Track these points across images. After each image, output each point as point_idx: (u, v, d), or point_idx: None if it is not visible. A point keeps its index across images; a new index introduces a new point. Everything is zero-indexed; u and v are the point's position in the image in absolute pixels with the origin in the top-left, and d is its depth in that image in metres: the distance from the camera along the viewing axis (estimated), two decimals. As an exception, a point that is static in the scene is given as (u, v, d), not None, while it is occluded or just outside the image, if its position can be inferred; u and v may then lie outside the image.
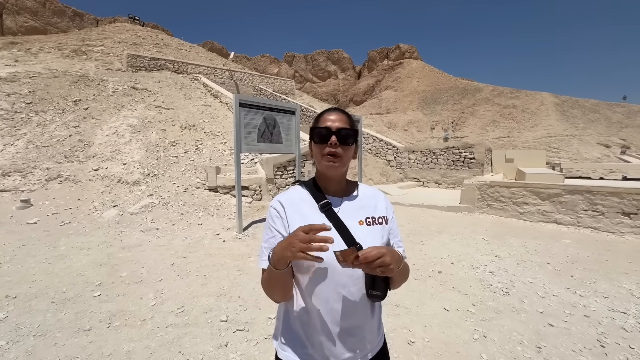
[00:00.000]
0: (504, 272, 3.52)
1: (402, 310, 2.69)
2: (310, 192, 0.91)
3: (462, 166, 10.19)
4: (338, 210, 0.89)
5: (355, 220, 0.89)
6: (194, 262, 3.70)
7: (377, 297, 0.83)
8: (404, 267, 0.86)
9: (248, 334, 2.30)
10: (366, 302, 0.86)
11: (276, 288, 0.84)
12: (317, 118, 0.92)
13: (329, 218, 0.86)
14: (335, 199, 0.92)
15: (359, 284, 0.83)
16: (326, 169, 0.88)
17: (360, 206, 0.93)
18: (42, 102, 9.55)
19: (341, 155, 0.86)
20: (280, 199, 0.90)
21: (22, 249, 3.97)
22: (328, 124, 0.87)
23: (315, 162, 0.92)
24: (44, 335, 2.23)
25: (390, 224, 0.95)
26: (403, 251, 0.96)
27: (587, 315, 2.61)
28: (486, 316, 2.60)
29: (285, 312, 0.91)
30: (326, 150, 0.86)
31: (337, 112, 0.91)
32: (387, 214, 0.96)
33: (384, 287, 0.83)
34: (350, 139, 0.88)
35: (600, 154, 26.16)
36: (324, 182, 0.93)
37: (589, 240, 4.79)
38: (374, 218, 0.92)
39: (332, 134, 0.86)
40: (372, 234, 0.88)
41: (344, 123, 0.88)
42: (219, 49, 57.89)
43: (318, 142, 0.88)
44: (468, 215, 6.41)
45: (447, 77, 53.61)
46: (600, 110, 36.36)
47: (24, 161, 7.23)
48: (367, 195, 0.97)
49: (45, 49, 15.33)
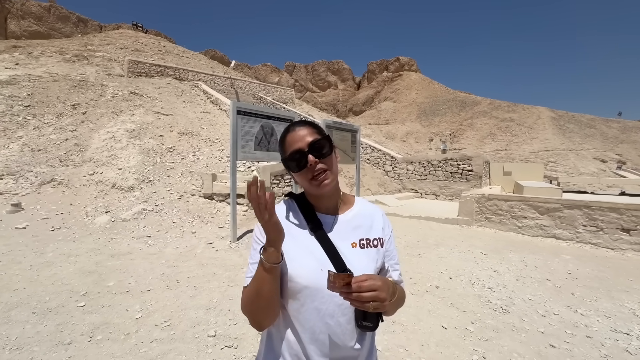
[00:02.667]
0: (503, 288, 3.43)
1: (399, 328, 2.59)
2: (301, 209, 0.84)
3: (460, 178, 10.17)
4: (330, 230, 0.82)
5: (348, 242, 0.82)
6: (184, 272, 3.59)
7: (369, 328, 0.76)
8: (399, 296, 0.78)
9: (237, 351, 2.19)
10: (355, 333, 0.78)
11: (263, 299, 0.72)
12: (281, 142, 0.83)
13: (318, 240, 0.79)
14: (328, 217, 0.84)
15: (347, 314, 0.76)
16: (321, 190, 0.79)
17: (354, 226, 0.85)
18: (40, 106, 9.51)
19: (327, 168, 0.79)
20: None
21: (8, 255, 3.85)
22: (297, 145, 0.78)
23: (303, 187, 0.84)
24: (20, 349, 2.11)
25: (386, 245, 0.88)
26: (399, 275, 0.89)
27: (589, 336, 2.52)
28: (485, 335, 2.50)
29: (268, 335, 0.83)
30: (309, 175, 0.78)
31: (299, 127, 0.81)
32: (383, 235, 0.88)
33: (375, 318, 0.75)
34: (327, 147, 0.79)
35: (597, 168, 26.34)
36: (315, 199, 0.85)
37: (588, 256, 4.72)
38: (369, 240, 0.84)
39: (306, 154, 0.77)
40: (365, 258, 0.81)
41: (312, 134, 0.79)
42: (220, 58, 58.54)
43: (297, 171, 0.79)
44: (466, 228, 6.33)
45: (446, 90, 54.29)
46: (596, 125, 36.80)
47: (18, 164, 7.13)
48: (363, 214, 0.89)
49: (47, 53, 15.39)
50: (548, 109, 39.59)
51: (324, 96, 65.49)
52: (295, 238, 0.79)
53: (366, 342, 0.82)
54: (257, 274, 0.72)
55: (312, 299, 0.74)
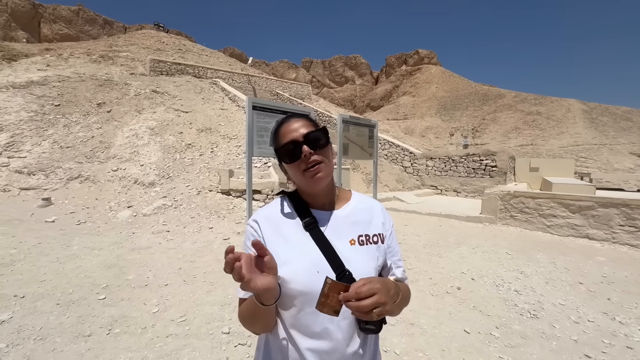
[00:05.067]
0: (530, 291, 3.22)
1: (417, 330, 2.48)
2: (294, 206, 0.78)
3: (483, 174, 9.75)
4: (325, 227, 0.75)
5: (345, 240, 0.75)
6: (201, 267, 3.62)
7: (371, 330, 0.70)
8: (403, 296, 0.71)
9: (250, 350, 2.16)
10: (358, 336, 0.72)
11: (259, 322, 0.71)
12: (274, 134, 0.79)
13: (314, 238, 0.73)
14: (323, 213, 0.78)
15: (349, 318, 0.69)
16: (314, 184, 0.74)
17: (352, 222, 0.79)
18: (68, 105, 9.95)
19: (322, 160, 0.73)
20: (257, 217, 0.78)
21: (37, 247, 4.03)
22: (291, 136, 0.74)
23: (295, 182, 0.78)
24: (44, 340, 2.17)
25: (387, 241, 0.81)
26: (403, 272, 0.82)
27: (630, 347, 2.30)
28: (512, 342, 2.34)
29: (265, 342, 0.78)
30: (303, 166, 0.72)
31: (294, 119, 0.77)
32: (383, 231, 0.81)
33: (378, 321, 0.68)
34: (322, 139, 0.74)
35: (633, 164, 24.60)
36: (309, 194, 0.79)
37: (626, 259, 4.37)
38: (368, 236, 0.78)
39: (301, 144, 0.72)
40: (364, 256, 0.75)
41: (307, 127, 0.75)
42: (238, 55, 59.27)
43: (290, 162, 0.74)
44: (489, 227, 6.05)
45: (467, 83, 52.39)
46: (633, 118, 34.36)
47: (49, 161, 7.50)
48: (361, 208, 0.82)
49: (75, 55, 16.10)
50: (579, 101, 37.38)
51: (341, 92, 64.96)
52: (287, 239, 0.74)
53: (369, 346, 0.75)
54: (253, 306, 0.67)
55: (310, 304, 0.67)
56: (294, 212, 0.77)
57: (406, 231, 5.57)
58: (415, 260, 4.09)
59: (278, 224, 0.76)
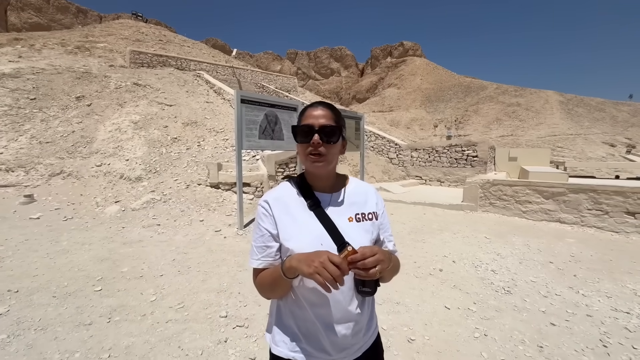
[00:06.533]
0: (505, 270, 3.49)
1: (403, 308, 2.68)
2: (299, 189, 0.90)
3: (465, 164, 10.13)
4: (327, 207, 0.88)
5: (344, 217, 0.88)
6: (194, 258, 3.70)
7: (367, 293, 0.82)
8: (394, 264, 0.85)
9: (248, 330, 2.30)
10: (356, 298, 0.85)
11: (278, 291, 0.84)
12: (301, 113, 0.89)
13: (317, 216, 0.85)
14: (324, 195, 0.90)
15: (347, 282, 0.82)
16: (311, 168, 0.86)
17: (350, 202, 0.91)
18: (45, 98, 9.59)
19: (325, 154, 0.84)
20: (267, 197, 0.89)
21: (25, 244, 4.00)
22: (311, 121, 0.84)
23: (301, 159, 0.90)
24: (44, 329, 2.23)
25: (380, 219, 0.94)
26: (393, 245, 0.96)
27: (589, 314, 2.59)
28: (487, 315, 2.58)
29: (277, 307, 0.91)
30: (309, 150, 0.83)
31: (322, 107, 0.87)
32: (377, 210, 0.94)
33: (373, 284, 0.81)
34: (335, 136, 0.85)
35: (606, 153, 25.91)
36: (312, 178, 0.91)
37: (593, 240, 4.74)
38: (364, 214, 0.91)
39: (314, 132, 0.82)
40: (361, 231, 0.88)
41: (328, 119, 0.85)
42: (221, 46, 57.82)
43: (300, 142, 0.85)
44: (470, 214, 6.37)
45: (451, 75, 53.24)
46: (605, 108, 36.01)
47: (28, 157, 7.27)
48: (357, 191, 0.95)
49: (49, 45, 15.37)
50: (556, 92, 38.74)
51: (327, 84, 64.66)
52: (295, 217, 0.85)
53: (366, 308, 0.89)
54: (276, 276, 0.80)
55: None
56: (299, 194, 0.89)
57: (392, 219, 5.80)
58: (401, 246, 4.31)
59: (286, 204, 0.87)
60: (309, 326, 0.84)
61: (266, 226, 0.85)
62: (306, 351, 0.84)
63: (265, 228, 0.85)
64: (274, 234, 0.85)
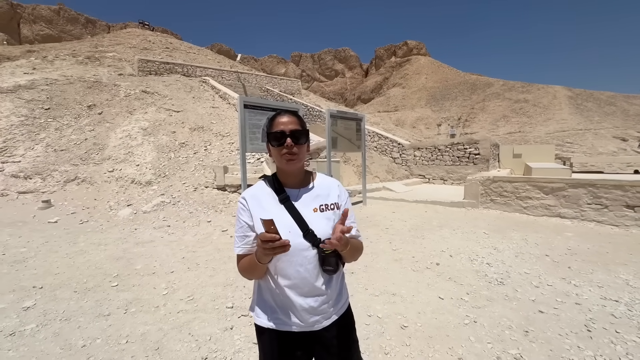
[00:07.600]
0: (501, 263, 3.61)
1: (398, 299, 2.83)
2: (271, 186, 1.06)
3: (468, 162, 10.18)
4: (296, 200, 1.04)
5: (310, 208, 1.04)
6: (203, 256, 3.92)
7: (330, 271, 0.99)
8: (352, 246, 1.00)
9: (252, 319, 2.48)
10: (322, 276, 1.02)
11: (255, 273, 1.02)
12: (270, 122, 1.05)
13: (287, 209, 1.01)
14: (294, 190, 1.06)
15: (313, 262, 1.00)
16: (286, 165, 1.02)
17: (315, 195, 1.07)
18: (59, 108, 10.01)
19: (297, 153, 1.01)
20: (245, 195, 1.06)
21: (46, 245, 4.27)
22: (281, 127, 0.99)
23: (274, 160, 1.06)
24: (68, 320, 2.46)
25: (342, 209, 1.09)
26: (357, 231, 1.11)
27: (578, 303, 2.69)
28: (478, 304, 2.71)
29: (258, 286, 1.09)
30: (283, 151, 0.99)
31: (288, 115, 1.03)
32: (339, 201, 1.10)
33: (335, 263, 0.98)
34: (303, 137, 1.01)
35: (617, 147, 25.45)
36: (284, 176, 1.07)
37: (592, 234, 4.80)
38: (327, 205, 1.06)
39: (286, 136, 0.98)
40: (324, 219, 1.04)
41: (295, 125, 1.00)
42: (226, 51, 58.61)
43: (276, 145, 1.00)
44: (471, 211, 6.46)
45: (456, 73, 52.90)
46: (616, 102, 35.31)
47: (44, 164, 7.64)
48: (322, 185, 1.11)
49: (61, 56, 15.94)
50: (565, 87, 38.17)
51: (332, 85, 64.90)
52: (267, 210, 1.02)
53: (333, 284, 1.06)
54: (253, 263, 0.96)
55: (285, 254, 0.92)
56: (272, 191, 1.05)
57: (394, 217, 5.94)
58: (401, 242, 4.45)
59: (260, 199, 1.04)
60: (283, 299, 1.02)
61: (244, 219, 1.03)
62: (281, 320, 1.02)
63: (243, 220, 1.03)
64: (251, 225, 1.02)
